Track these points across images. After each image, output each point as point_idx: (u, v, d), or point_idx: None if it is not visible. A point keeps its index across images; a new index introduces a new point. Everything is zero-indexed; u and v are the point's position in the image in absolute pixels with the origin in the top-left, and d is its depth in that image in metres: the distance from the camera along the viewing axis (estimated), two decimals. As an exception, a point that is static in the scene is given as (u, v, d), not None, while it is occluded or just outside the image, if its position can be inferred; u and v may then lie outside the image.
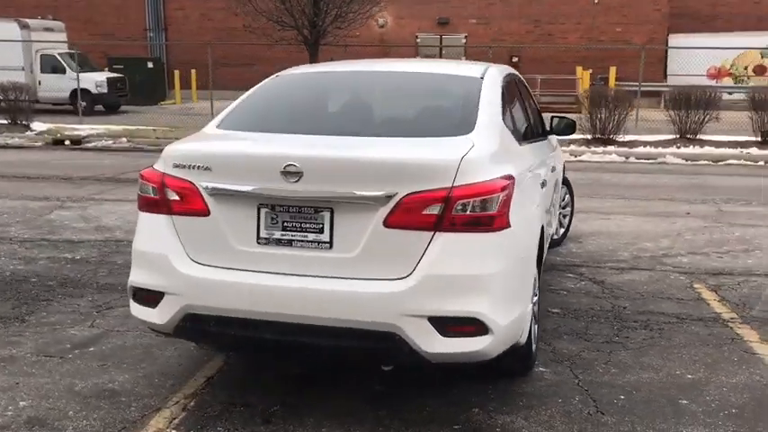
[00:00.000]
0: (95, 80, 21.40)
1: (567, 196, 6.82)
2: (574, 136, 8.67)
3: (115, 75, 22.98)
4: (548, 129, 5.36)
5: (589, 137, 14.23)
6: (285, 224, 3.22)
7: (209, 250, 3.31)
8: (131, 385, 3.76)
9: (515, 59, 28.33)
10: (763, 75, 28.13)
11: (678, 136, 14.31)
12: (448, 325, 3.04)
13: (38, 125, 16.47)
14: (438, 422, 3.40)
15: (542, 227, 4.02)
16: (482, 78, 4.05)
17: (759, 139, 13.83)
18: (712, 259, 6.38)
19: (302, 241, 3.20)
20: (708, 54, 25.37)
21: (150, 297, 3.40)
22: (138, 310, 3.50)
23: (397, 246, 3.09)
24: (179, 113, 20.80)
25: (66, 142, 14.73)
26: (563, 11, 27.91)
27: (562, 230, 6.74)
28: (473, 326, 3.06)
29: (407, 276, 3.08)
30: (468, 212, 3.06)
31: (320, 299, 3.12)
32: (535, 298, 3.77)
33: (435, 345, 3.05)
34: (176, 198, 3.35)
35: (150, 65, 26.10)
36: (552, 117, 5.51)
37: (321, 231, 3.18)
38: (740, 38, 26.34)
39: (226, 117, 3.86)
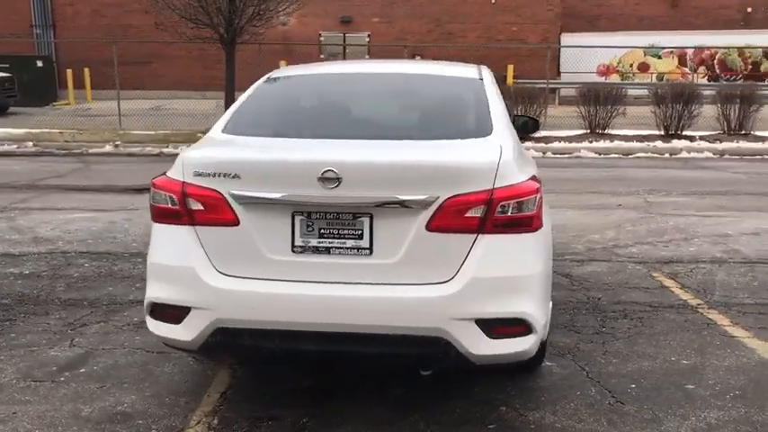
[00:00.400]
0: (-20, 80, 19.98)
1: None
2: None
3: (2, 74, 21.51)
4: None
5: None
6: (322, 231, 3.15)
7: (239, 261, 3.19)
8: (143, 406, 3.56)
9: (418, 58, 28.75)
10: (647, 72, 29.90)
11: (589, 131, 15.00)
12: (495, 327, 3.06)
13: None
14: (472, 423, 3.43)
15: None
16: (481, 80, 4.10)
17: (662, 132, 14.71)
18: (659, 249, 6.74)
19: (341, 248, 3.14)
20: (596, 52, 26.58)
21: (174, 313, 3.23)
22: (157, 327, 3.32)
23: (439, 249, 3.08)
24: (77, 114, 19.85)
25: (-40, 148, 13.70)
26: (462, 10, 28.57)
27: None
28: (519, 326, 3.10)
29: (451, 280, 3.08)
30: (509, 214, 3.09)
31: (364, 306, 3.07)
32: None
33: (482, 347, 3.06)
34: (200, 208, 3.20)
35: (40, 64, 24.62)
36: (515, 116, 5.64)
37: (360, 237, 3.12)
38: (627, 37, 27.85)
39: (230, 121, 3.72)
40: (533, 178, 3.28)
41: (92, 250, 6.47)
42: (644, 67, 29.83)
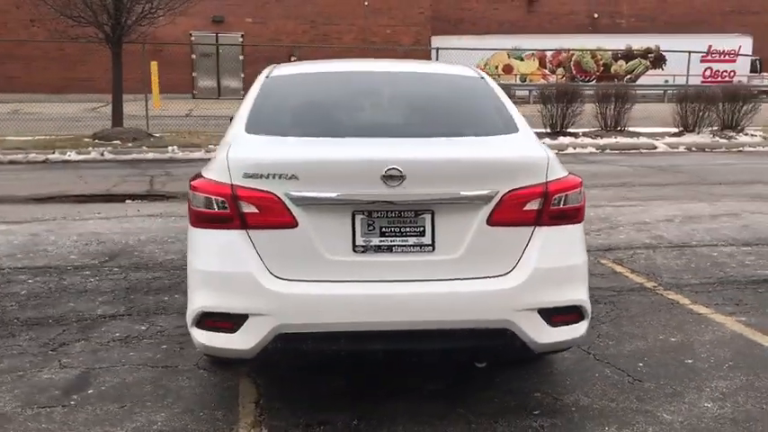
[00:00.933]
0: None
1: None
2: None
3: None
4: None
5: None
6: (383, 230, 3.13)
7: (297, 264, 3.10)
8: (180, 423, 3.37)
9: (294, 59, 28.57)
10: (511, 73, 31.52)
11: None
12: (554, 315, 3.18)
13: None
14: (515, 411, 3.53)
15: None
16: (482, 78, 4.21)
17: (549, 130, 15.57)
18: (593, 237, 7.16)
19: (403, 246, 3.14)
20: (464, 55, 27.57)
21: (228, 321, 3.09)
22: (207, 337, 3.15)
23: (500, 243, 3.16)
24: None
25: None
26: (336, 12, 28.76)
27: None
28: (575, 314, 3.24)
29: (511, 272, 3.17)
30: (561, 206, 3.22)
31: (431, 303, 3.10)
32: None
33: (543, 336, 3.17)
34: (254, 211, 3.09)
35: None
36: None
37: (422, 234, 3.14)
38: (493, 40, 29.15)
39: (251, 121, 3.57)
40: (571, 173, 3.43)
41: (28, 265, 5.97)
42: (508, 69, 31.40)
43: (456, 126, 3.68)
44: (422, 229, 3.14)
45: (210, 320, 3.13)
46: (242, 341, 3.09)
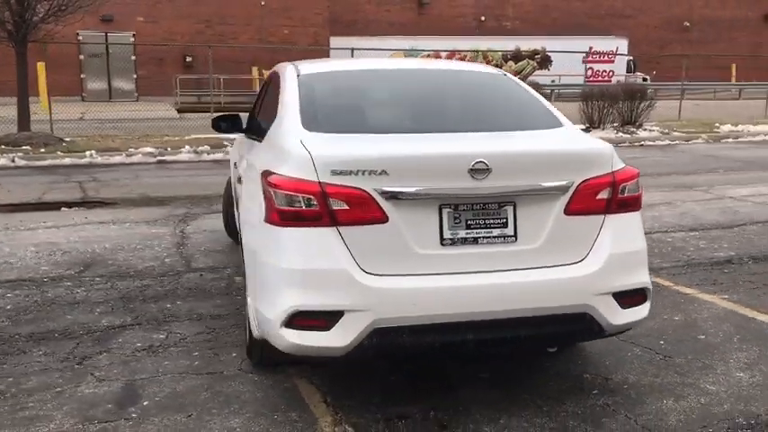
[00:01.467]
0: None
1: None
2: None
3: None
4: None
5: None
6: (468, 222, 3.21)
7: (388, 258, 3.13)
8: (259, 428, 3.31)
9: (189, 59, 27.84)
10: (408, 74, 32.08)
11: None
12: (625, 298, 3.38)
13: None
14: (574, 392, 3.70)
15: None
16: (505, 75, 4.36)
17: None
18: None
19: (487, 237, 3.22)
20: (361, 55, 27.77)
21: (322, 319, 3.07)
22: (299, 337, 3.11)
23: (575, 231, 3.32)
24: None
25: None
26: (232, 12, 28.21)
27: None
28: (641, 295, 3.46)
29: (585, 258, 3.33)
30: (626, 194, 3.42)
31: (518, 291, 3.21)
32: None
33: (618, 318, 3.36)
34: (344, 207, 3.08)
35: None
36: None
37: (505, 226, 3.24)
38: (392, 41, 29.59)
39: (306, 119, 3.54)
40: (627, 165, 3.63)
41: (-2, 279, 5.56)
42: (406, 69, 31.90)
43: (512, 120, 3.81)
44: (504, 220, 3.24)
45: (302, 319, 3.09)
46: (337, 338, 3.07)
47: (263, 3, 28.51)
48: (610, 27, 36.93)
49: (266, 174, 3.29)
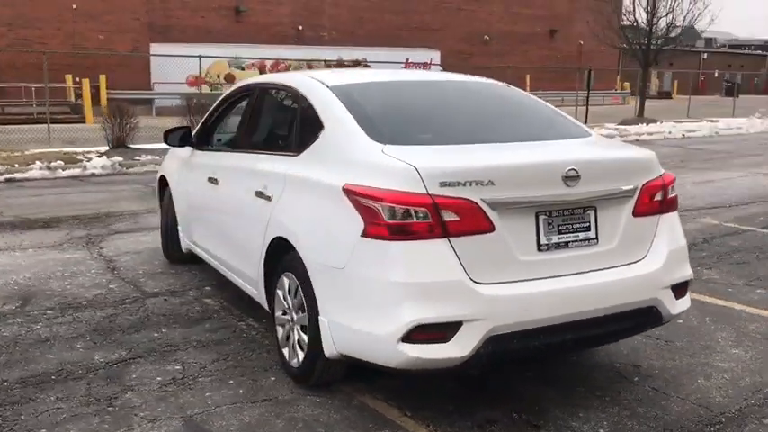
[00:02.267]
0: None
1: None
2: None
3: None
4: None
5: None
6: (560, 227, 3.36)
7: (493, 266, 3.19)
8: (366, 449, 3.19)
9: (-9, 66, 25.10)
10: (233, 82, 31.32)
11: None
12: (679, 290, 3.71)
13: None
14: (621, 381, 3.97)
15: None
16: (510, 87, 4.57)
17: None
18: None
19: (575, 241, 3.39)
20: (184, 63, 26.77)
21: (441, 332, 3.06)
22: (419, 351, 3.06)
23: (640, 231, 3.59)
24: None
25: None
26: (39, 15, 25.91)
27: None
28: (687, 287, 3.80)
29: (647, 256, 3.61)
30: (671, 195, 3.76)
31: (607, 290, 3.41)
32: None
33: (674, 308, 3.68)
34: (455, 218, 3.10)
35: None
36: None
37: (589, 229, 3.43)
38: (215, 48, 28.80)
39: (370, 132, 3.49)
40: None
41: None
42: (230, 78, 31.17)
43: (553, 130, 4.00)
44: (588, 224, 3.43)
45: (422, 333, 3.06)
46: (456, 349, 3.08)
47: (74, 6, 26.46)
48: (421, 40, 38.79)
49: (354, 188, 3.20)
